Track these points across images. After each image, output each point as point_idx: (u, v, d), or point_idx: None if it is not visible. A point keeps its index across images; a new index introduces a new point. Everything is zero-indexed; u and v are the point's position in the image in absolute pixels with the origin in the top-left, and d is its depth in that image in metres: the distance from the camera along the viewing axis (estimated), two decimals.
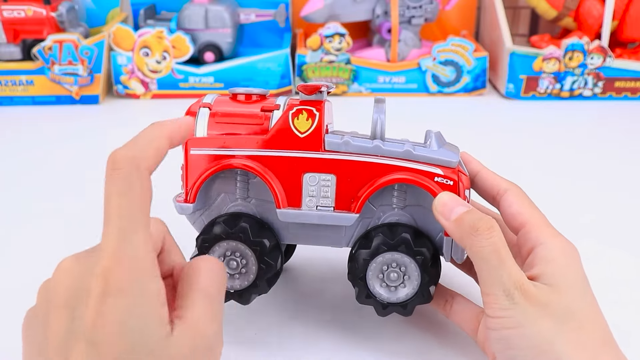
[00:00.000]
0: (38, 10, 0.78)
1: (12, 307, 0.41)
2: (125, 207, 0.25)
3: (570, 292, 0.31)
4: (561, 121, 0.75)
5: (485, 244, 0.31)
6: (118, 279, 0.24)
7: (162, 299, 0.25)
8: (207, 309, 0.27)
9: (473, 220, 0.32)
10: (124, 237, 0.25)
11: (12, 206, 0.55)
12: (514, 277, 0.31)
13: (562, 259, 0.32)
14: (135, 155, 0.27)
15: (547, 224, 0.35)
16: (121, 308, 0.24)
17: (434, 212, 0.33)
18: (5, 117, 0.77)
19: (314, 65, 0.81)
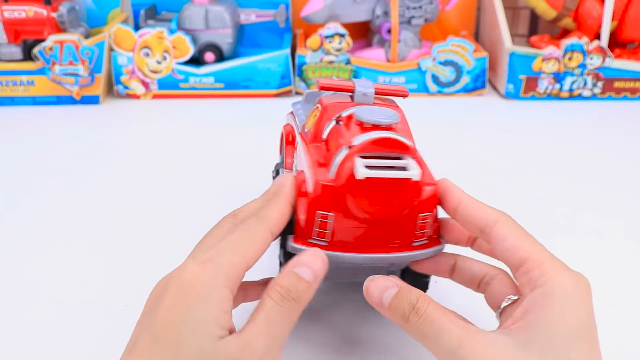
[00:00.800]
0: (39, 11, 0.78)
1: (11, 307, 0.42)
2: (234, 239, 0.30)
3: (545, 347, 0.27)
4: (561, 121, 0.75)
5: (417, 325, 0.29)
6: (196, 279, 0.28)
7: (226, 307, 0.28)
8: (262, 327, 0.28)
9: (402, 307, 0.30)
10: (223, 253, 0.29)
11: (12, 206, 0.55)
12: (455, 339, 0.28)
13: (559, 307, 0.28)
14: (263, 214, 0.32)
15: (550, 258, 0.30)
16: (187, 303, 0.27)
17: (366, 297, 0.31)
18: (6, 117, 0.77)
19: (314, 66, 0.82)
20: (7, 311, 0.41)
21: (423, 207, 0.33)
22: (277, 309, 0.29)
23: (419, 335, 0.30)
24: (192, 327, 0.26)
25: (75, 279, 0.44)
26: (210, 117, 0.77)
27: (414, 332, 0.30)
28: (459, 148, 0.67)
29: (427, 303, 0.30)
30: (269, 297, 0.29)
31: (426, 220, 0.33)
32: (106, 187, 0.58)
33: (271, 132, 0.71)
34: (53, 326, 0.39)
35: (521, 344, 0.27)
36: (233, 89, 0.82)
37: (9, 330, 0.39)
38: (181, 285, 0.28)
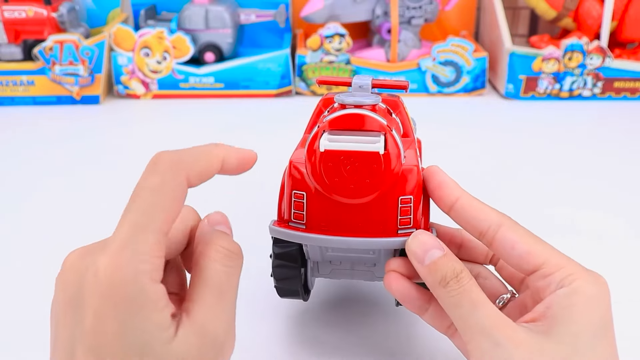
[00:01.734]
0: (39, 11, 0.78)
1: (12, 307, 0.42)
2: (149, 203, 0.24)
3: (578, 342, 0.27)
4: (560, 121, 0.75)
5: (454, 293, 0.29)
6: (117, 281, 0.23)
7: (162, 303, 0.24)
8: (216, 304, 0.25)
9: (444, 271, 0.29)
10: (134, 233, 0.24)
11: (12, 206, 0.55)
12: (492, 318, 0.28)
13: (581, 306, 0.28)
14: (180, 160, 0.26)
15: (568, 260, 0.30)
16: (119, 314, 0.23)
17: (407, 251, 0.30)
18: (6, 117, 0.77)
19: (314, 66, 0.82)
20: (7, 311, 0.41)
21: (402, 189, 0.31)
22: (225, 273, 0.26)
23: (452, 305, 0.29)
24: (136, 341, 0.23)
25: None
26: (210, 117, 0.77)
27: (447, 300, 0.29)
28: (459, 148, 0.67)
29: (469, 277, 0.29)
30: (213, 261, 0.26)
31: (408, 204, 0.31)
32: (106, 187, 0.58)
33: (271, 132, 0.71)
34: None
35: (552, 336, 0.27)
36: (233, 89, 0.82)
37: (9, 330, 0.39)
38: (103, 286, 0.23)
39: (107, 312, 0.23)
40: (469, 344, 0.28)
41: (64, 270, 0.25)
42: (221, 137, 0.70)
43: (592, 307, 0.28)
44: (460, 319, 0.29)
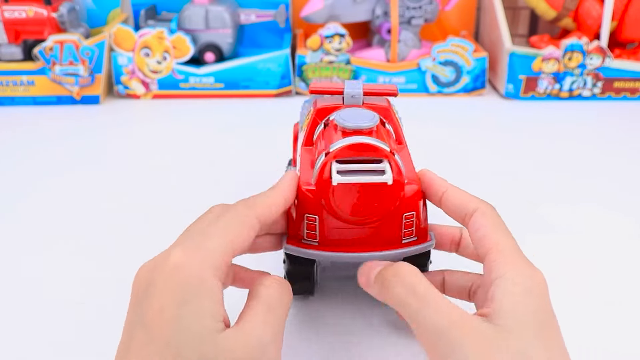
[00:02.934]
0: (39, 11, 0.78)
1: (10, 307, 0.42)
2: (221, 225, 0.29)
3: (522, 332, 0.27)
4: (560, 121, 0.75)
5: (397, 291, 0.29)
6: (183, 268, 0.26)
7: (219, 297, 0.26)
8: (264, 316, 0.27)
9: (381, 276, 0.30)
10: (208, 238, 0.28)
11: (12, 206, 0.55)
12: (444, 313, 0.27)
13: (520, 295, 0.28)
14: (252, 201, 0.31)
15: (513, 250, 0.31)
16: (178, 296, 0.25)
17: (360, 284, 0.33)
18: (6, 117, 0.77)
19: (314, 66, 0.82)
20: (6, 311, 0.41)
21: (406, 206, 0.34)
22: (277, 293, 0.29)
23: (397, 302, 0.29)
24: (188, 323, 0.25)
25: (75, 278, 0.44)
26: (211, 117, 0.77)
27: (387, 296, 0.30)
28: (458, 148, 0.67)
29: (413, 272, 0.30)
30: (266, 287, 0.29)
31: (411, 219, 0.34)
32: (106, 187, 0.58)
33: (271, 132, 0.71)
34: (52, 326, 0.39)
35: (498, 330, 0.27)
36: (233, 89, 0.82)
37: (9, 330, 0.39)
38: (169, 276, 0.26)
39: (168, 295, 0.26)
40: (424, 344, 0.28)
41: (136, 276, 0.28)
42: (221, 137, 0.70)
43: (527, 297, 0.28)
44: (409, 317, 0.29)
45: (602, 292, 0.43)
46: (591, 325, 0.39)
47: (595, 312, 0.41)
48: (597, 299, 0.42)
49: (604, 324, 0.40)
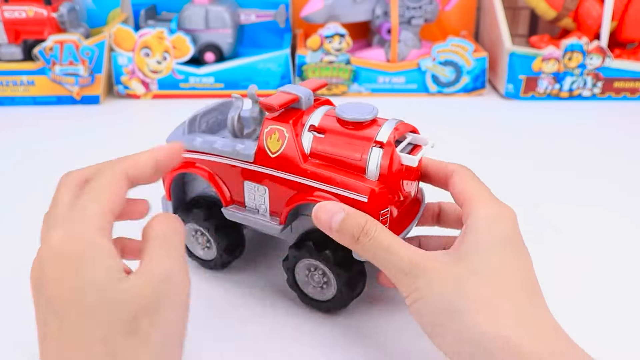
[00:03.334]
0: (39, 11, 0.78)
1: (12, 305, 0.42)
2: (91, 192, 0.29)
3: (479, 252, 0.31)
4: (560, 121, 0.75)
5: (368, 246, 0.33)
6: (68, 241, 0.26)
7: (111, 253, 0.26)
8: (159, 250, 0.28)
9: (352, 229, 0.33)
10: (80, 207, 0.28)
11: (12, 206, 0.55)
12: (405, 257, 0.32)
13: (484, 225, 0.32)
14: (117, 162, 0.31)
15: (484, 195, 0.35)
16: (73, 266, 0.25)
17: (315, 223, 0.34)
18: (7, 117, 0.77)
19: (314, 66, 0.82)
20: (6, 311, 0.41)
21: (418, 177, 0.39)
22: (164, 224, 0.29)
23: (370, 256, 0.33)
24: (87, 284, 0.25)
25: None
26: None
27: (364, 253, 0.33)
28: (458, 148, 0.67)
29: (375, 225, 0.33)
30: (153, 226, 0.29)
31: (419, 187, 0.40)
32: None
33: None
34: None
35: (456, 258, 0.31)
36: (233, 89, 0.82)
37: (9, 330, 0.39)
38: (56, 257, 0.26)
39: (62, 271, 0.26)
40: (396, 283, 0.32)
41: (30, 275, 0.27)
42: None
43: (490, 226, 0.32)
44: (383, 266, 0.33)
45: (599, 291, 0.43)
46: (593, 325, 0.39)
47: (594, 310, 0.41)
48: (595, 297, 0.42)
49: (603, 322, 0.40)
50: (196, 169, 0.41)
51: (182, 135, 0.43)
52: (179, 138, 0.43)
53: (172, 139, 0.44)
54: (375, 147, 0.35)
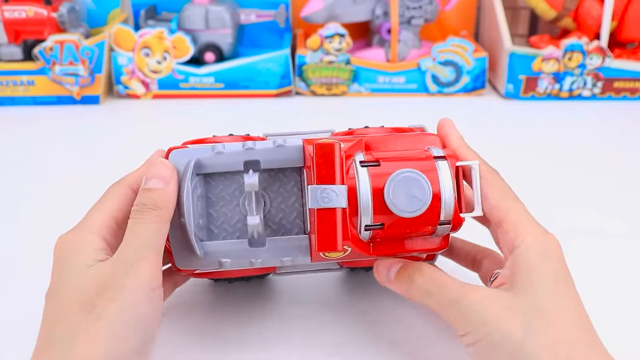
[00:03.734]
0: (39, 11, 0.78)
1: (12, 305, 0.42)
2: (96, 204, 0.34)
3: (538, 290, 0.30)
4: (560, 121, 0.75)
5: (421, 283, 0.32)
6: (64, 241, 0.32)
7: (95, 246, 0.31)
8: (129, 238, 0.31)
9: (407, 274, 0.33)
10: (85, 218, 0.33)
11: (12, 206, 0.55)
12: (457, 289, 0.31)
13: (535, 260, 0.31)
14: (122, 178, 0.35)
15: (525, 219, 0.33)
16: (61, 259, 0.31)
17: (375, 276, 0.35)
18: (6, 117, 0.77)
19: (314, 66, 0.82)
20: (7, 311, 0.41)
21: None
22: (138, 221, 0.31)
23: (425, 294, 0.32)
24: (67, 269, 0.30)
25: None
26: (210, 117, 0.77)
27: (419, 293, 0.33)
28: None
29: (429, 266, 0.33)
30: (131, 217, 0.32)
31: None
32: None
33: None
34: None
35: (515, 296, 0.30)
36: (233, 89, 0.82)
37: (10, 330, 0.39)
38: (55, 252, 0.32)
39: (55, 262, 0.31)
40: (449, 321, 0.32)
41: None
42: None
43: (541, 261, 0.31)
44: (435, 302, 0.32)
45: (598, 291, 0.43)
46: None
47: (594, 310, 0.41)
48: (594, 297, 0.42)
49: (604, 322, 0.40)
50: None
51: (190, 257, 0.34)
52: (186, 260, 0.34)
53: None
54: (442, 225, 0.33)
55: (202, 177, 0.34)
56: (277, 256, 0.33)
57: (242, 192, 0.34)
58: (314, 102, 0.81)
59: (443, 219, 0.32)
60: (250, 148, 0.33)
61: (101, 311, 0.29)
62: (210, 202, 0.34)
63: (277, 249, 0.33)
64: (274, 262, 0.33)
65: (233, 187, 0.34)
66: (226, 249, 0.33)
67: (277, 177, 0.34)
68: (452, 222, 0.32)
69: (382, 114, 0.76)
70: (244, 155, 0.34)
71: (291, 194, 0.34)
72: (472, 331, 0.30)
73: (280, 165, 0.34)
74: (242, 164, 0.33)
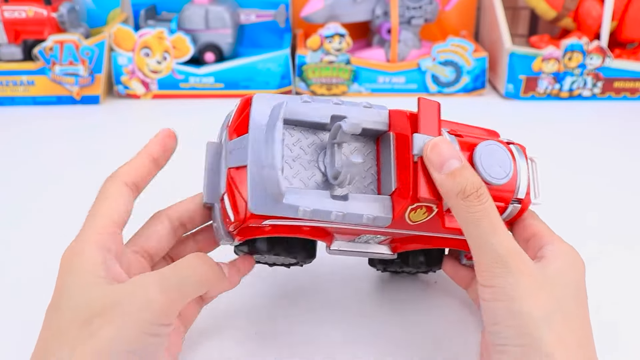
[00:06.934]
0: (39, 11, 0.78)
1: (12, 308, 0.42)
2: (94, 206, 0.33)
3: (564, 288, 0.30)
4: (560, 121, 0.75)
5: (475, 210, 0.30)
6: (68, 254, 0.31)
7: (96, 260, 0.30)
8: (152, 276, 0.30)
9: (464, 182, 0.30)
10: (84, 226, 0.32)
11: (12, 206, 0.55)
12: (506, 244, 0.30)
13: (566, 261, 0.32)
14: (115, 172, 0.34)
15: (559, 236, 0.34)
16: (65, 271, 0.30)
17: (424, 157, 0.31)
18: (6, 117, 0.77)
19: (314, 66, 0.82)
20: (6, 311, 0.41)
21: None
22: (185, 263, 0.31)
23: (471, 222, 0.30)
24: (65, 289, 0.29)
25: None
26: (210, 117, 0.77)
27: (466, 215, 0.30)
28: None
29: (489, 195, 0.30)
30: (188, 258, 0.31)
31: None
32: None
33: None
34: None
35: (546, 276, 0.30)
36: (233, 89, 0.82)
37: (10, 330, 0.39)
38: (62, 261, 0.31)
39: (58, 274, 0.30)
40: (479, 264, 0.30)
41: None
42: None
43: (569, 263, 0.32)
44: (478, 239, 0.30)
45: (598, 291, 0.43)
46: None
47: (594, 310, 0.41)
48: (593, 297, 0.42)
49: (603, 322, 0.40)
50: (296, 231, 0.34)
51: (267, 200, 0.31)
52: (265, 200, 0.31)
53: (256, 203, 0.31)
54: (514, 203, 0.34)
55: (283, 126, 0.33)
56: (360, 212, 0.32)
57: (322, 149, 0.33)
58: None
59: (518, 196, 0.33)
60: (338, 103, 0.33)
61: (95, 330, 0.27)
62: (288, 153, 0.33)
63: (359, 206, 0.32)
64: (354, 219, 0.32)
65: (312, 142, 0.34)
66: (308, 197, 0.31)
67: (355, 142, 0.34)
68: (522, 202, 0.33)
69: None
70: (332, 109, 0.33)
71: (367, 160, 0.34)
72: (499, 287, 0.29)
73: (367, 126, 0.33)
74: (329, 117, 0.33)
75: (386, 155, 0.33)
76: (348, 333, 0.39)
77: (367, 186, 0.34)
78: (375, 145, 0.35)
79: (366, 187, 0.34)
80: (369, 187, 0.34)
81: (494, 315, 0.29)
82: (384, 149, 0.34)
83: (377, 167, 0.34)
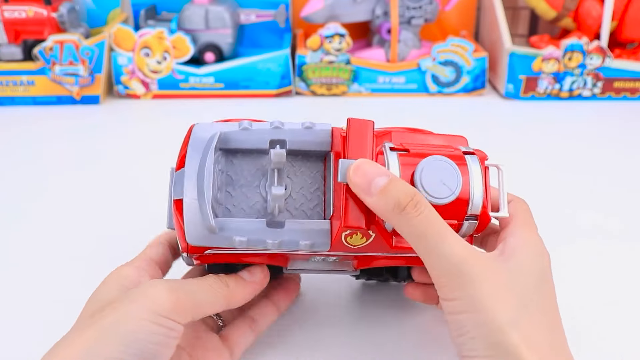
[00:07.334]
0: (39, 11, 0.78)
1: (12, 304, 0.42)
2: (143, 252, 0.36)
3: (528, 279, 0.29)
4: (560, 121, 0.75)
5: (415, 222, 0.28)
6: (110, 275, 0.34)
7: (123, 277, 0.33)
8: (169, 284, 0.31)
9: (396, 195, 0.28)
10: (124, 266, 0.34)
11: (12, 206, 0.55)
12: (458, 250, 0.28)
13: (531, 251, 0.30)
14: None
15: (530, 223, 0.32)
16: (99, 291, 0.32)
17: (349, 182, 0.29)
18: (6, 117, 0.77)
19: (314, 66, 0.82)
20: (6, 310, 0.41)
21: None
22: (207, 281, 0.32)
23: (417, 235, 0.28)
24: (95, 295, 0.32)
25: (76, 277, 0.44)
26: (210, 117, 0.76)
27: (409, 229, 0.28)
28: None
29: (426, 203, 0.29)
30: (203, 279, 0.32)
31: None
32: (106, 187, 0.58)
33: None
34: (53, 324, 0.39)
35: (508, 269, 0.29)
36: (233, 89, 0.82)
37: (10, 330, 0.39)
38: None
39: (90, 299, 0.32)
40: (436, 277, 0.28)
41: None
42: None
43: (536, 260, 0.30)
44: (428, 253, 0.28)
45: (598, 291, 0.43)
46: (593, 328, 0.39)
47: (595, 311, 0.41)
48: (593, 297, 0.42)
49: (604, 324, 0.40)
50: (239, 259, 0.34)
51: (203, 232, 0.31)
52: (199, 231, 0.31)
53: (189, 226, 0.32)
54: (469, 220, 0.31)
55: (224, 154, 0.33)
56: (296, 239, 0.31)
57: (264, 174, 0.33)
58: (314, 102, 0.81)
59: (471, 213, 0.30)
60: (277, 127, 0.33)
61: (101, 317, 0.29)
62: (230, 181, 0.33)
63: (296, 232, 0.31)
64: (291, 246, 0.31)
65: (255, 168, 0.33)
66: (242, 227, 0.31)
67: (301, 162, 0.33)
68: (480, 219, 0.31)
69: (382, 114, 0.76)
70: (271, 133, 0.32)
71: (314, 181, 0.33)
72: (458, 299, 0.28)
73: (307, 148, 0.32)
74: (267, 142, 0.32)
75: (328, 176, 0.33)
76: (345, 336, 0.39)
77: (312, 209, 0.33)
78: (323, 165, 0.34)
79: (312, 210, 0.33)
80: (315, 209, 0.33)
81: (459, 327, 0.28)
82: (328, 169, 0.33)
83: (324, 187, 0.33)
